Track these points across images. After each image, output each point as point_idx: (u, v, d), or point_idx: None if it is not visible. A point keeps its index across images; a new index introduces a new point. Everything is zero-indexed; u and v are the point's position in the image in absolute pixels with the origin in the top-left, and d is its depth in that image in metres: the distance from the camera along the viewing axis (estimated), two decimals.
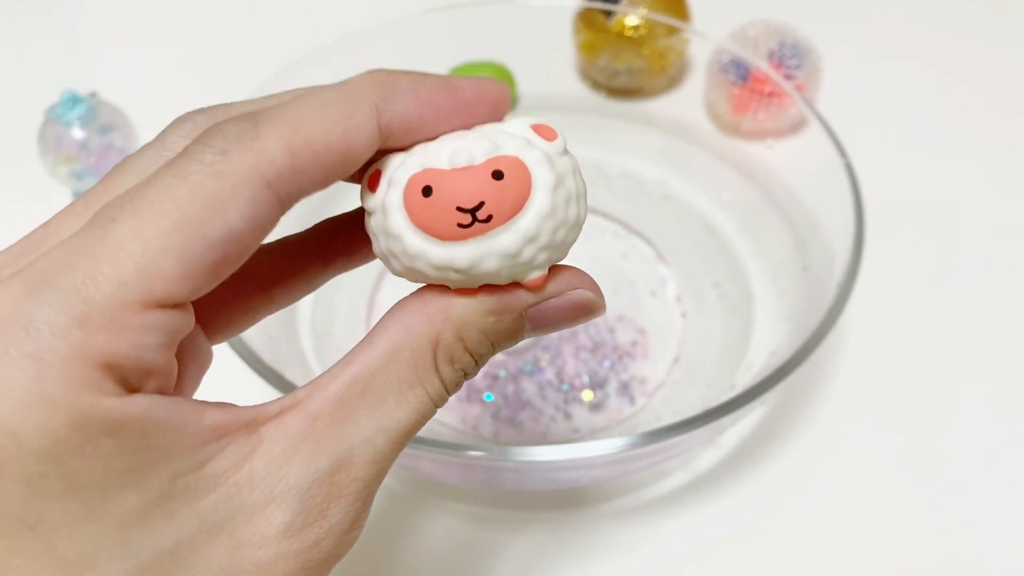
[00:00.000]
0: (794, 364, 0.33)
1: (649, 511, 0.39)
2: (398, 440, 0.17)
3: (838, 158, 0.40)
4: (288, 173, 0.15)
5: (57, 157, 0.48)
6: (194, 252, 0.14)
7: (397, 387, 0.17)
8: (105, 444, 0.14)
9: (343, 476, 0.16)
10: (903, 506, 0.39)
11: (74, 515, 0.14)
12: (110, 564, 0.14)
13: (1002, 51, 0.64)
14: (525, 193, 0.16)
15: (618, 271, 0.48)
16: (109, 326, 0.14)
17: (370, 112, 0.16)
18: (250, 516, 0.15)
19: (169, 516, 0.15)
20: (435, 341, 0.17)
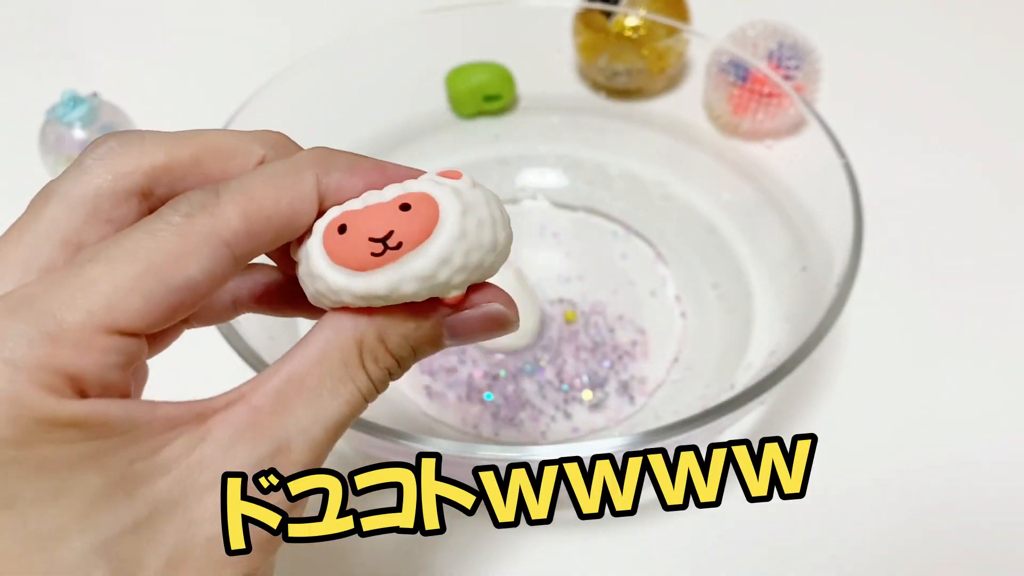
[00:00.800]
0: (793, 364, 0.33)
1: (648, 510, 0.39)
2: (333, 429, 0.19)
3: (837, 158, 0.40)
4: (243, 235, 0.18)
5: (58, 157, 0.48)
6: (156, 294, 0.17)
7: (330, 382, 0.19)
8: (70, 433, 0.16)
9: (283, 459, 0.18)
10: (902, 505, 0.39)
11: (45, 493, 0.16)
12: (76, 537, 0.16)
13: (1001, 52, 0.64)
14: (432, 220, 0.18)
15: (618, 271, 0.49)
16: (76, 345, 0.16)
17: (312, 182, 0.19)
18: (200, 495, 0.17)
19: (128, 496, 0.16)
20: (359, 341, 0.19)
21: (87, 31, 0.70)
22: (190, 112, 0.54)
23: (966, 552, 0.37)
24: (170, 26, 0.69)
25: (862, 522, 0.38)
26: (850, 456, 0.40)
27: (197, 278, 0.17)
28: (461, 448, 0.31)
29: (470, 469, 0.33)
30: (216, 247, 0.17)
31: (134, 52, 0.66)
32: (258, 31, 0.68)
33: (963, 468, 0.40)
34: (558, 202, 0.53)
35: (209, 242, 0.17)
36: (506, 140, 0.55)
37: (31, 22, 0.70)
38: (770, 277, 0.45)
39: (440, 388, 0.43)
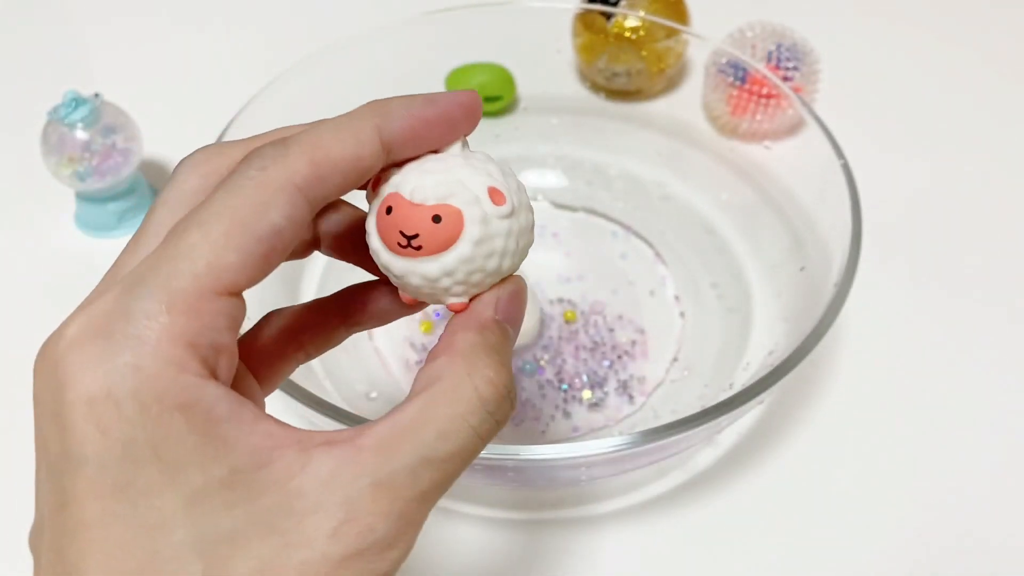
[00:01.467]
0: (792, 363, 0.33)
1: (648, 509, 0.39)
2: (441, 468, 0.19)
3: (835, 159, 0.40)
4: (314, 180, 0.19)
5: (60, 158, 0.48)
6: (247, 246, 0.18)
7: (436, 424, 0.19)
8: (176, 420, 0.17)
9: (385, 494, 0.18)
10: (900, 505, 0.39)
11: (154, 483, 0.17)
12: (176, 532, 0.17)
13: (999, 53, 0.64)
14: (452, 239, 0.21)
15: (617, 271, 0.49)
16: (189, 311, 0.17)
17: (373, 131, 0.20)
18: (300, 520, 0.17)
19: (228, 505, 0.17)
20: (466, 374, 0.19)
21: (89, 32, 0.70)
22: (192, 112, 0.54)
23: (966, 551, 0.37)
24: (172, 27, 0.69)
25: (861, 521, 0.38)
26: (849, 455, 0.41)
27: (280, 224, 0.18)
28: None
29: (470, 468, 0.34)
30: (291, 193, 0.18)
31: (136, 53, 0.67)
32: (260, 32, 0.68)
33: (962, 467, 0.40)
34: (558, 202, 0.53)
35: (285, 189, 0.18)
36: (506, 141, 0.55)
37: (34, 23, 0.70)
38: (769, 277, 0.45)
39: None
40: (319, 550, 0.17)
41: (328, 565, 0.17)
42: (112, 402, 0.17)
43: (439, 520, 0.39)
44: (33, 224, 0.53)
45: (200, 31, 0.69)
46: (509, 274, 0.22)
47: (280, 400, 0.35)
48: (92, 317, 0.17)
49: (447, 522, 0.39)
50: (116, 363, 0.17)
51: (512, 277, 0.22)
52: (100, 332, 0.17)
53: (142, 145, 0.51)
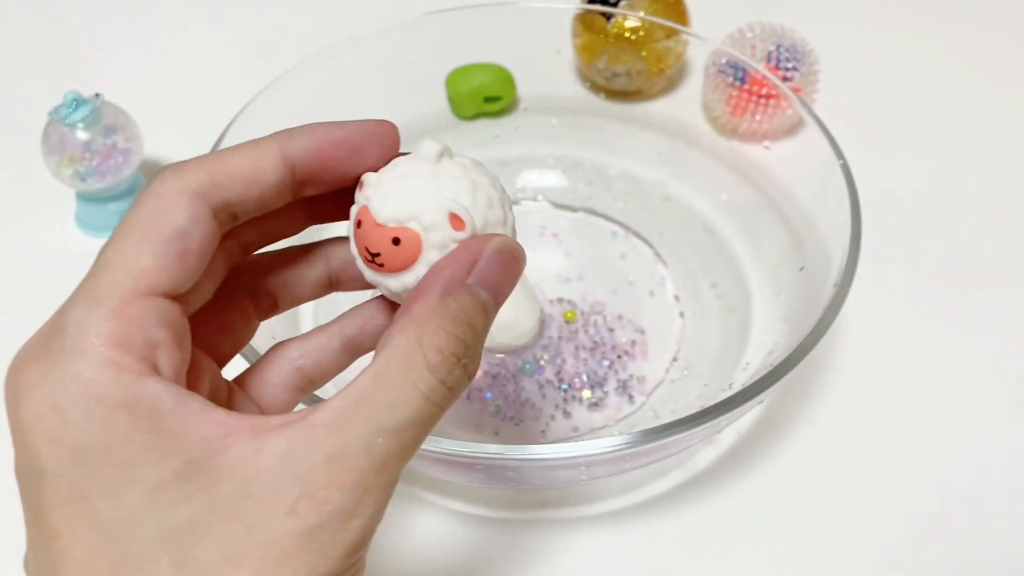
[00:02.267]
0: (791, 363, 0.33)
1: (648, 509, 0.39)
2: (396, 435, 0.19)
3: (835, 159, 0.40)
4: (210, 186, 0.20)
5: (61, 158, 0.49)
6: (159, 248, 0.19)
7: (388, 394, 0.19)
8: (121, 419, 0.17)
9: (340, 466, 0.18)
10: (900, 504, 0.39)
11: (111, 485, 0.17)
12: (139, 529, 0.17)
13: (998, 53, 0.64)
14: (411, 261, 0.22)
15: (617, 271, 0.49)
16: (115, 315, 0.18)
17: (272, 147, 0.21)
18: (258, 502, 0.18)
19: (186, 495, 0.18)
20: (417, 343, 0.19)
21: (90, 32, 0.70)
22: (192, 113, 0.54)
23: (965, 551, 0.37)
24: (173, 27, 0.69)
25: (861, 520, 0.38)
26: (848, 455, 0.41)
27: (183, 224, 0.20)
28: (461, 447, 0.31)
29: (471, 467, 0.34)
30: (190, 197, 0.20)
31: (137, 53, 0.67)
32: (260, 33, 0.68)
33: (961, 467, 0.40)
34: (558, 203, 0.53)
35: (184, 194, 0.20)
36: (506, 141, 0.55)
37: (34, 23, 0.70)
38: (768, 277, 0.45)
39: None
40: (279, 528, 0.18)
41: (291, 541, 0.18)
42: (56, 412, 0.17)
43: (439, 519, 0.39)
44: (33, 224, 0.53)
45: (201, 31, 0.69)
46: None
47: None
48: (35, 338, 0.19)
49: (447, 522, 0.39)
50: (56, 375, 0.18)
51: (498, 236, 0.22)
52: (41, 350, 0.18)
53: (143, 145, 0.51)
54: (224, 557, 0.18)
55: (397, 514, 0.39)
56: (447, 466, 0.35)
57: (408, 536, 0.38)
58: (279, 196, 0.22)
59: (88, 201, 0.52)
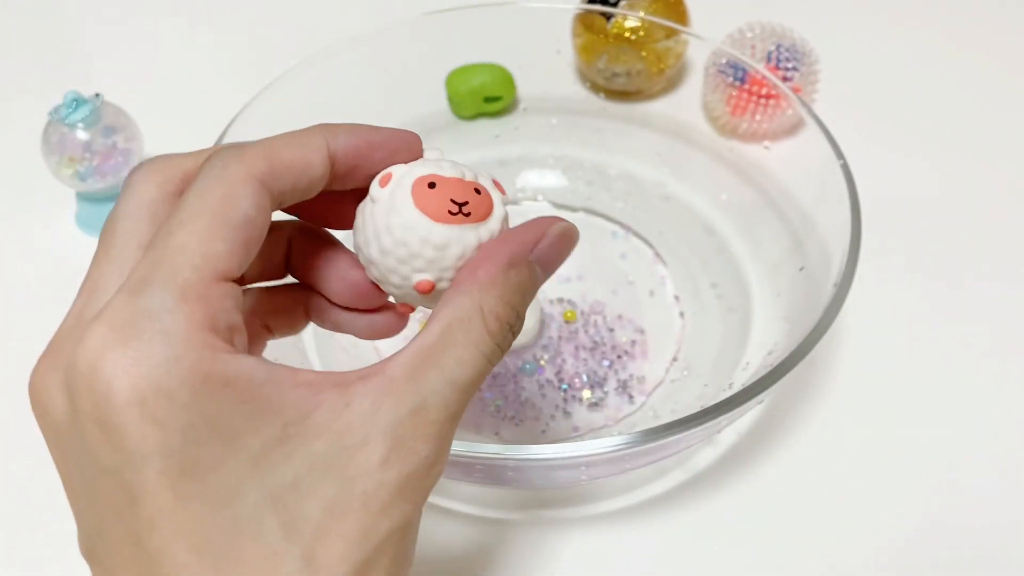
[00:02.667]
0: (791, 363, 0.33)
1: (648, 509, 0.39)
2: (464, 390, 0.21)
3: (835, 159, 0.40)
4: (270, 176, 0.21)
5: (61, 158, 0.49)
6: (230, 235, 0.20)
7: (455, 350, 0.21)
8: (226, 395, 0.18)
9: (422, 419, 0.20)
10: (900, 503, 0.39)
11: (217, 457, 0.18)
12: (247, 495, 0.18)
13: (998, 53, 0.64)
14: (490, 209, 0.23)
15: (617, 271, 0.49)
16: (200, 299, 0.19)
17: (321, 140, 0.22)
18: (352, 455, 0.19)
19: (286, 456, 0.19)
20: (479, 307, 0.21)
21: (90, 32, 0.70)
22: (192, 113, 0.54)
23: (967, 549, 0.37)
24: (173, 27, 0.69)
25: (861, 520, 0.38)
26: (848, 455, 0.41)
27: (251, 212, 0.20)
28: (461, 447, 0.31)
29: (471, 467, 0.34)
30: (255, 185, 0.20)
31: (137, 53, 0.67)
32: (260, 33, 0.68)
33: (962, 466, 0.40)
34: (558, 203, 0.53)
35: (249, 182, 0.20)
36: (506, 141, 0.55)
37: (34, 23, 0.70)
38: (768, 277, 0.45)
39: None
40: (376, 478, 0.19)
41: (387, 490, 0.19)
42: (164, 396, 0.18)
43: (439, 519, 0.39)
44: (33, 224, 0.53)
45: (201, 31, 0.69)
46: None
47: None
48: (113, 324, 0.18)
49: (447, 521, 0.39)
50: (156, 359, 0.18)
51: (562, 221, 0.24)
52: (128, 335, 0.18)
53: (143, 145, 0.51)
54: (328, 511, 0.19)
55: None
56: (447, 466, 0.35)
57: None
58: (317, 188, 0.23)
59: (88, 201, 0.52)
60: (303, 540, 0.19)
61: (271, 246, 0.25)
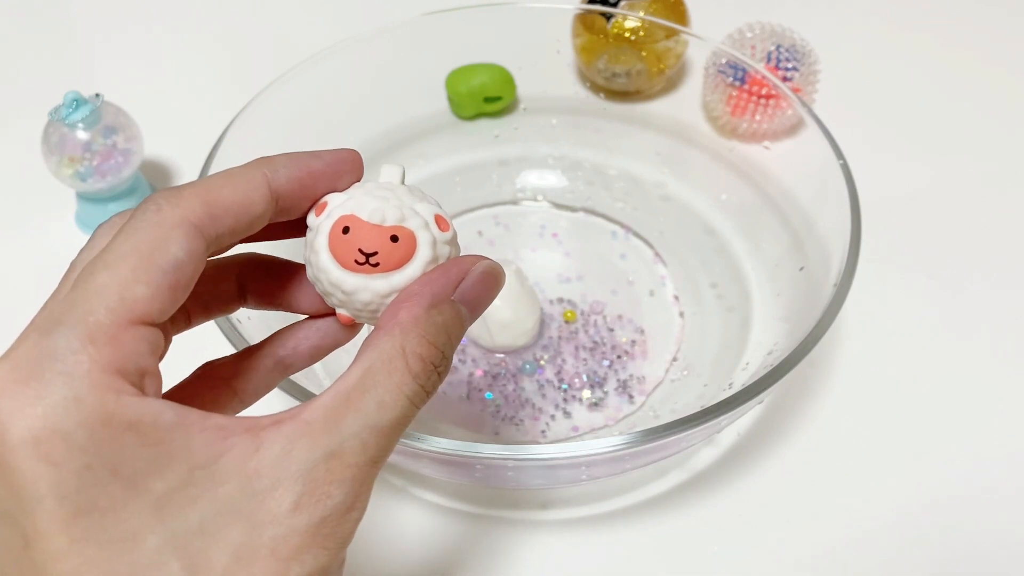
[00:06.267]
0: (791, 363, 0.33)
1: (648, 509, 0.39)
2: (384, 434, 0.20)
3: (835, 159, 0.40)
4: (207, 219, 0.20)
5: (61, 158, 0.49)
6: (154, 279, 0.19)
7: (375, 394, 0.20)
8: (128, 438, 0.18)
9: (338, 463, 0.19)
10: (899, 503, 0.39)
11: (117, 500, 0.18)
12: (148, 539, 0.18)
13: (997, 54, 0.64)
14: (407, 258, 0.23)
15: (617, 271, 0.49)
16: (111, 342, 0.18)
17: (261, 178, 0.22)
18: (262, 500, 0.19)
19: (192, 500, 0.18)
20: (401, 348, 0.21)
21: (91, 32, 0.70)
22: (193, 113, 0.55)
23: (967, 549, 0.37)
24: (173, 28, 0.69)
25: (861, 519, 0.38)
26: (848, 455, 0.41)
27: (180, 257, 0.20)
28: (462, 447, 0.31)
29: (471, 467, 0.34)
30: (188, 229, 0.20)
31: (137, 54, 0.67)
32: (260, 34, 0.68)
33: (962, 466, 0.40)
34: (558, 203, 0.53)
35: (181, 226, 0.20)
36: (506, 141, 0.55)
37: (35, 23, 0.70)
38: (768, 277, 0.45)
39: (441, 387, 0.43)
40: (286, 524, 0.19)
41: (298, 536, 0.19)
42: (59, 437, 0.17)
43: (439, 519, 0.39)
44: (34, 224, 0.53)
45: (201, 32, 0.69)
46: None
47: (282, 400, 0.35)
48: (15, 363, 0.18)
49: (447, 521, 0.39)
50: (53, 400, 0.17)
51: (486, 260, 0.23)
52: (29, 375, 0.18)
53: (143, 145, 0.51)
54: (235, 557, 0.18)
55: (397, 514, 0.39)
56: (447, 466, 0.35)
57: (408, 536, 0.38)
58: (262, 224, 0.22)
59: (88, 201, 0.52)
60: None
61: (216, 283, 0.25)
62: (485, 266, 0.23)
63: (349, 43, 0.48)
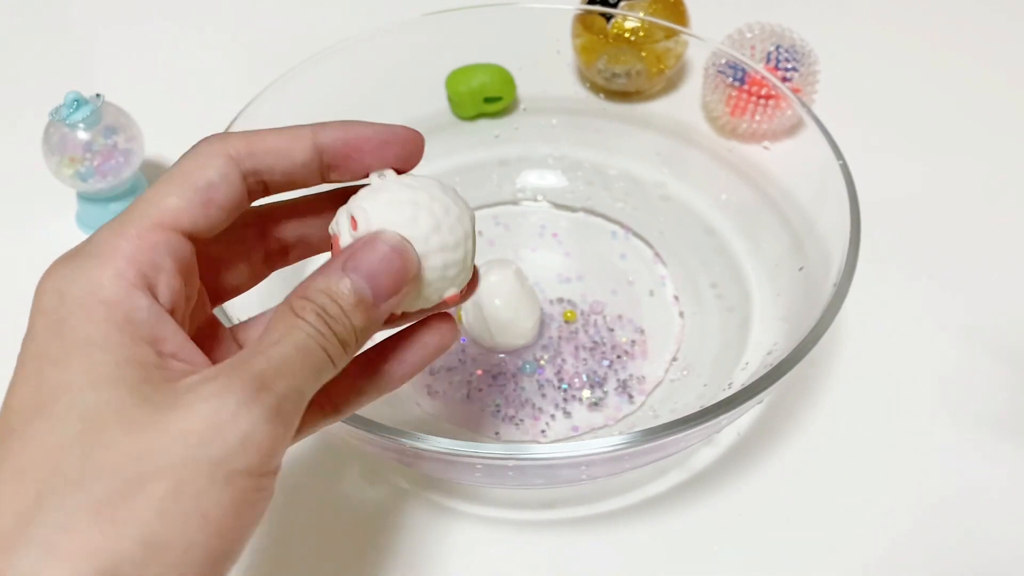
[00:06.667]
0: (790, 363, 0.33)
1: (647, 509, 0.39)
2: (285, 371, 0.22)
3: (834, 159, 0.40)
4: (245, 154, 0.24)
5: (62, 158, 0.49)
6: (187, 194, 0.23)
7: (271, 337, 0.22)
8: (98, 309, 0.21)
9: (259, 399, 0.20)
10: (899, 503, 0.39)
11: (62, 355, 0.20)
12: (70, 395, 0.20)
13: (996, 54, 0.64)
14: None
15: (617, 271, 0.49)
16: (135, 237, 0.22)
17: (308, 132, 0.25)
18: (184, 412, 0.20)
19: (116, 383, 0.20)
20: (290, 304, 0.23)
21: (91, 32, 0.70)
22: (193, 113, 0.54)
23: (967, 549, 0.38)
24: (174, 28, 0.69)
25: (861, 519, 0.38)
26: (848, 454, 0.41)
27: (213, 178, 0.23)
28: (462, 447, 0.31)
29: (471, 467, 0.34)
30: (225, 158, 0.23)
31: (138, 54, 0.67)
32: (260, 34, 0.68)
33: (962, 466, 0.40)
34: (558, 203, 0.53)
35: (219, 155, 0.23)
36: (506, 141, 0.55)
37: (35, 23, 0.70)
38: (768, 277, 0.45)
39: (441, 387, 0.43)
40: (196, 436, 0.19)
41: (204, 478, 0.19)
42: (56, 293, 0.21)
43: (439, 519, 0.39)
44: (34, 224, 0.53)
45: (201, 32, 0.69)
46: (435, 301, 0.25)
47: None
48: (71, 250, 0.22)
49: (447, 521, 0.39)
50: (68, 268, 0.22)
51: (386, 233, 0.24)
52: (70, 256, 0.22)
53: (143, 146, 0.51)
54: (130, 452, 0.19)
55: (397, 513, 0.39)
56: (447, 466, 0.35)
57: (408, 536, 0.38)
58: (308, 175, 0.25)
59: (89, 201, 0.52)
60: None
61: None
62: (375, 235, 0.24)
63: (349, 43, 0.48)
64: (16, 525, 0.18)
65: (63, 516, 0.18)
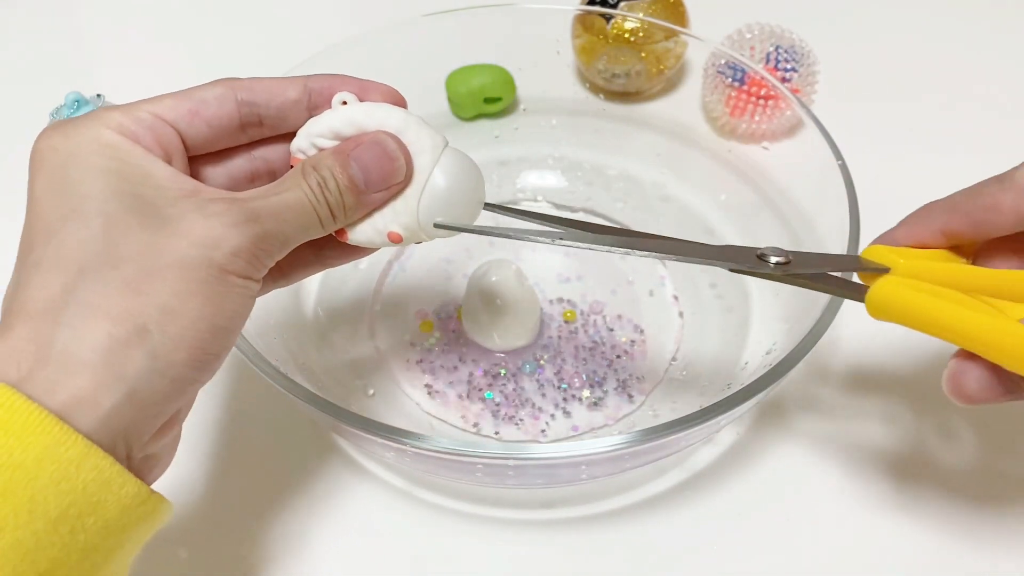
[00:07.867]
0: (790, 363, 0.33)
1: (647, 508, 0.39)
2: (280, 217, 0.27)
3: (833, 160, 0.40)
4: (244, 89, 0.29)
5: None
6: (180, 103, 0.28)
7: (281, 186, 0.28)
8: (99, 154, 0.25)
9: (245, 229, 0.26)
10: (899, 503, 0.39)
11: (81, 182, 0.25)
12: (92, 203, 0.25)
13: (995, 54, 0.64)
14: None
15: (617, 271, 0.49)
16: (127, 113, 0.26)
17: (301, 78, 0.30)
18: (188, 229, 0.25)
19: (128, 207, 0.25)
20: (302, 166, 0.28)
21: (92, 33, 0.70)
22: None
23: (967, 549, 0.38)
24: (174, 28, 0.70)
25: (860, 520, 0.39)
26: (847, 454, 0.41)
27: (207, 98, 0.28)
28: (462, 446, 0.31)
29: (471, 467, 0.34)
30: (225, 87, 0.29)
31: (138, 54, 0.67)
32: (261, 34, 0.68)
33: (962, 467, 0.40)
34: (558, 203, 0.53)
35: (222, 84, 0.29)
36: (506, 142, 0.55)
37: (36, 23, 0.70)
38: None
39: (441, 387, 0.43)
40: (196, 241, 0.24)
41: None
42: (51, 150, 0.26)
43: (439, 519, 0.39)
44: None
45: (201, 32, 0.69)
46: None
47: (282, 401, 0.35)
48: (63, 120, 0.27)
49: (447, 521, 0.39)
50: (59, 133, 0.26)
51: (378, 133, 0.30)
52: (65, 123, 0.26)
53: None
54: (141, 249, 0.24)
55: (397, 513, 0.39)
56: (447, 466, 0.35)
57: (408, 536, 0.38)
58: (298, 113, 0.30)
59: None
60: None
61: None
62: (378, 137, 0.29)
63: (349, 43, 0.48)
64: (62, 293, 0.23)
65: (100, 287, 0.23)
